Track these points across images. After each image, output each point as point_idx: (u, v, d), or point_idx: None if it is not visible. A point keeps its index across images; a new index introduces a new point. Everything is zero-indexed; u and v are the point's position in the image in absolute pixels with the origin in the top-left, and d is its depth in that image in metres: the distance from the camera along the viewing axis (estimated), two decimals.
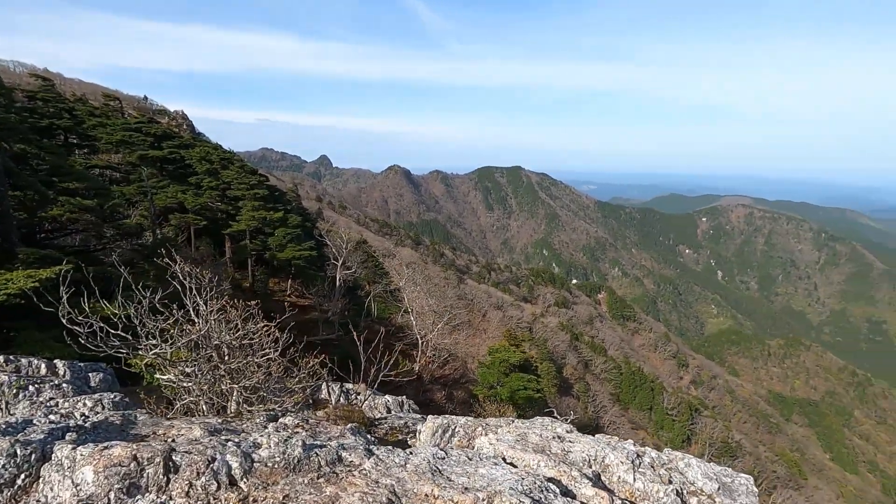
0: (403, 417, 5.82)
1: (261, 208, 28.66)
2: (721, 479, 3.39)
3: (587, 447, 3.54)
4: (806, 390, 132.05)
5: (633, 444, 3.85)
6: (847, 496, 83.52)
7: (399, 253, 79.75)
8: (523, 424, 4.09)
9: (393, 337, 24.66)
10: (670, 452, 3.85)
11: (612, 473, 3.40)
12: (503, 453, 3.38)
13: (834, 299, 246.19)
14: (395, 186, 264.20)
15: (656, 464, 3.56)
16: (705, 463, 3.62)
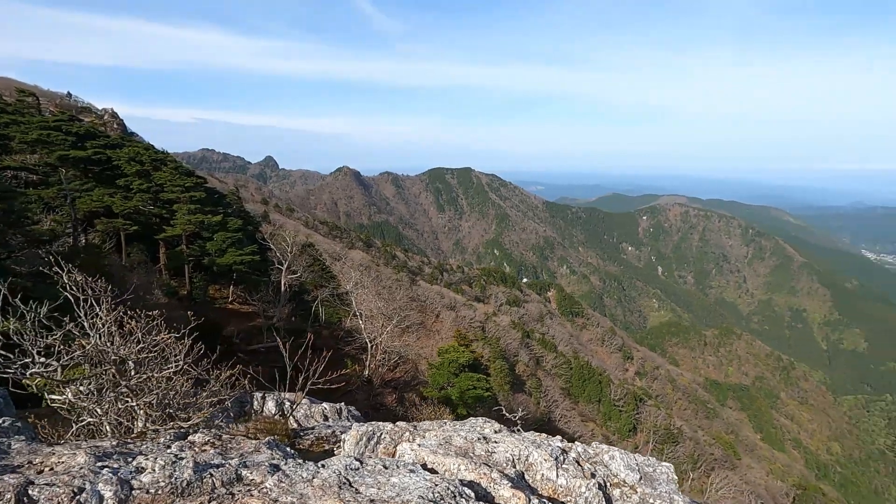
0: (332, 426, 5.62)
1: (198, 212, 27.23)
2: (643, 470, 3.48)
3: (511, 447, 3.54)
4: (738, 376, 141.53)
5: (560, 441, 3.88)
6: (776, 472, 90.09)
7: (350, 255, 78.35)
8: (452, 427, 4.03)
9: (342, 341, 24.14)
10: (597, 446, 3.92)
11: (535, 472, 3.42)
12: (424, 459, 3.30)
13: (761, 290, 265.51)
14: (345, 188, 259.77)
15: (582, 458, 3.61)
16: (629, 454, 3.69)
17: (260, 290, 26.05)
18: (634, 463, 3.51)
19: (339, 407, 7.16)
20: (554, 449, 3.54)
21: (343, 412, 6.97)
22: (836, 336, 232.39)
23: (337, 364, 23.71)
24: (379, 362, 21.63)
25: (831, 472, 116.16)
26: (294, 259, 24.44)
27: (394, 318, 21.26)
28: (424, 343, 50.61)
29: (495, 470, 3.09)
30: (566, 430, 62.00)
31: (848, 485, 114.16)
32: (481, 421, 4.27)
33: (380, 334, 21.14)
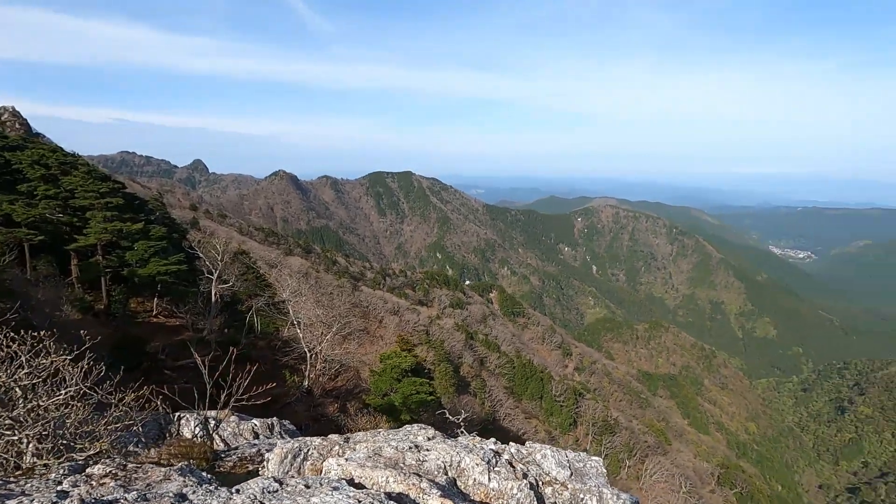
0: (258, 445, 5.31)
1: (115, 219, 25.14)
2: (574, 466, 3.56)
3: (443, 454, 3.50)
4: (667, 366, 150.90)
5: (494, 443, 3.88)
6: (702, 454, 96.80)
7: (288, 262, 75.65)
8: (385, 437, 3.93)
9: (279, 352, 23.17)
10: (531, 445, 3.97)
11: (467, 477, 3.40)
12: (351, 474, 3.17)
13: (685, 285, 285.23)
14: (282, 192, 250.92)
15: (515, 459, 3.63)
16: (560, 451, 3.75)
17: (188, 302, 24.48)
18: (565, 459, 3.57)
19: (272, 422, 6.76)
20: (486, 452, 3.53)
21: (276, 427, 6.59)
22: (750, 325, 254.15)
23: (275, 376, 22.71)
24: (319, 372, 20.96)
25: (749, 450, 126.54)
26: (225, 267, 23.18)
27: (334, 326, 20.67)
28: (368, 349, 49.77)
29: (425, 479, 3.02)
30: (510, 429, 63.24)
31: (763, 461, 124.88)
32: (416, 428, 4.19)
33: (319, 343, 20.48)
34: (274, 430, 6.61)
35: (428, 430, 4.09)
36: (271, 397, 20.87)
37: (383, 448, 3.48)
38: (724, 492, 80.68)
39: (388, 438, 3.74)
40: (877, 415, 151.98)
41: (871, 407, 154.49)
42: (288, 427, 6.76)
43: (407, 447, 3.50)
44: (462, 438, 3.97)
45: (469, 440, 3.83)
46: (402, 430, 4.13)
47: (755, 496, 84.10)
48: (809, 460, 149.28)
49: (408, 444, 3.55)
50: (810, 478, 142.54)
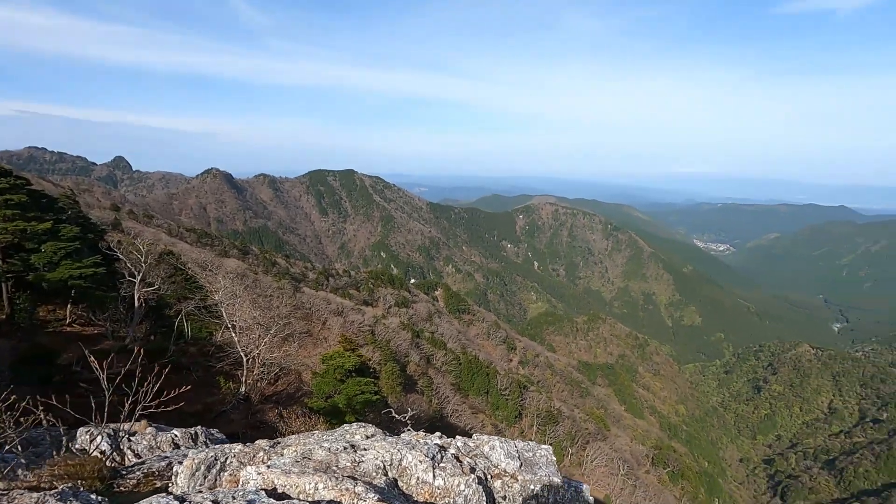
0: (169, 457, 4.74)
1: (18, 218, 22.56)
2: (523, 456, 3.40)
3: (382, 452, 3.20)
4: (605, 356, 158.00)
5: (440, 438, 3.64)
6: (638, 438, 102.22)
7: (223, 264, 71.75)
8: (317, 438, 3.57)
9: (213, 358, 21.74)
10: (478, 437, 3.76)
11: (410, 476, 3.13)
12: (274, 482, 2.80)
13: (619, 279, 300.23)
14: (215, 192, 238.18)
15: (462, 453, 3.41)
16: (509, 442, 3.58)
17: (107, 308, 22.43)
18: (514, 450, 3.41)
19: (195, 432, 6.06)
20: (430, 448, 3.27)
21: (200, 437, 5.92)
22: (678, 314, 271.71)
23: (208, 383, 21.30)
24: (257, 377, 19.87)
25: (679, 431, 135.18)
26: (150, 270, 21.43)
27: (272, 328, 19.66)
28: (312, 352, 48.16)
29: (361, 483, 2.70)
30: (458, 425, 63.61)
31: (692, 440, 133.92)
32: (355, 427, 3.87)
33: (257, 346, 19.41)
34: (198, 440, 5.92)
35: (368, 428, 3.76)
36: (204, 406, 19.54)
37: (314, 451, 3.11)
38: (658, 471, 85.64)
39: (320, 440, 3.38)
40: (787, 391, 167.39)
41: (782, 385, 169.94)
42: (215, 436, 6.06)
43: (341, 447, 3.15)
44: (405, 434, 3.67)
45: (412, 436, 3.56)
46: (339, 430, 3.78)
47: (685, 474, 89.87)
48: (731, 436, 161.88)
49: (342, 445, 3.20)
50: (732, 453, 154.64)
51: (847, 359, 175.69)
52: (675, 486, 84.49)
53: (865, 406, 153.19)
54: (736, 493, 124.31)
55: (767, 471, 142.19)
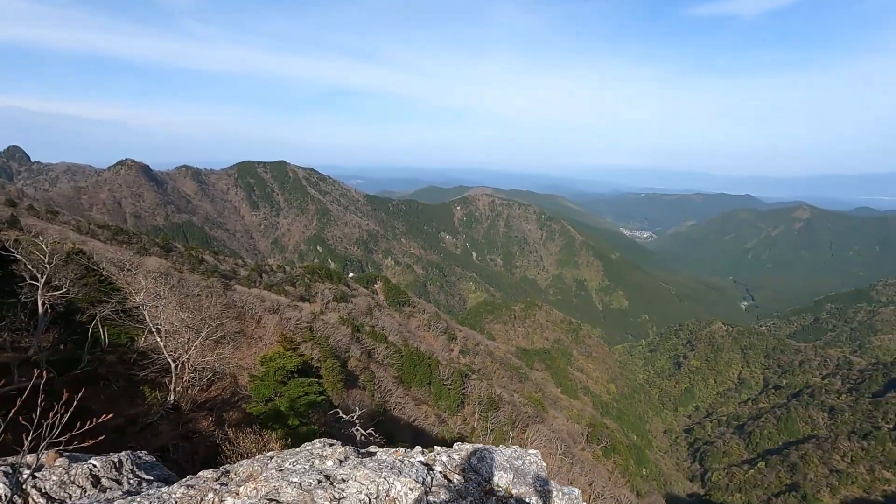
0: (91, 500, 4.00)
1: None
2: (514, 465, 3.19)
3: (367, 483, 2.79)
4: (541, 341, 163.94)
5: (422, 454, 3.32)
6: (573, 417, 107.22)
7: (144, 263, 66.32)
8: (279, 466, 3.10)
9: (136, 366, 19.96)
10: (461, 447, 3.50)
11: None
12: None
13: (553, 266, 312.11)
14: (131, 185, 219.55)
15: (449, 469, 3.13)
16: (500, 451, 3.35)
17: (5, 316, 19.88)
18: (505, 460, 3.18)
19: (119, 459, 5.08)
20: (418, 470, 2.92)
21: (125, 464, 5.00)
22: (607, 298, 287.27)
23: (131, 394, 19.54)
24: (188, 383, 18.47)
25: (611, 408, 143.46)
26: (56, 271, 19.20)
27: (203, 330, 18.31)
28: (247, 353, 45.77)
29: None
30: (402, 417, 63.47)
31: (622, 416, 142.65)
32: (320, 446, 3.41)
33: (186, 350, 18.00)
34: (123, 468, 4.95)
35: (335, 446, 3.35)
36: (127, 419, 17.90)
37: (281, 489, 2.63)
38: (592, 447, 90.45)
39: (285, 469, 2.89)
40: (703, 366, 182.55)
41: (699, 360, 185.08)
42: (144, 460, 5.15)
43: (315, 481, 2.70)
44: (381, 453, 3.30)
45: (392, 454, 3.19)
46: (303, 452, 3.28)
47: (616, 448, 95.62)
48: (656, 410, 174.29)
49: (315, 477, 2.74)
50: (657, 425, 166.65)
51: (753, 333, 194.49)
52: (607, 460, 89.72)
53: (768, 375, 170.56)
54: (661, 461, 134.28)
55: (688, 439, 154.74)
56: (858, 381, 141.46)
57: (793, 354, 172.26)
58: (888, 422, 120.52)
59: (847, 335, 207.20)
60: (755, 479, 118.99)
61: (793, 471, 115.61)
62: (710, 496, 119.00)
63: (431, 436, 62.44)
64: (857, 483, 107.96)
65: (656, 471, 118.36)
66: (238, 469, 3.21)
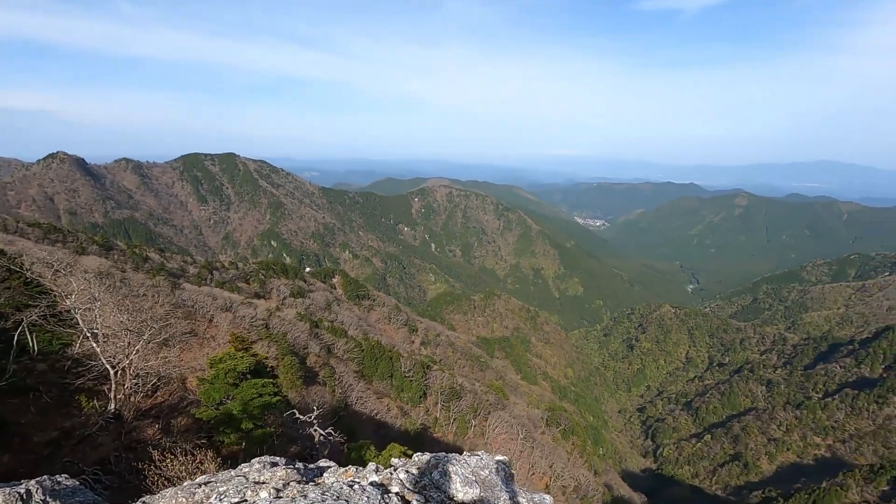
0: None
1: None
2: (480, 476, 2.91)
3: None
4: (501, 330, 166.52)
5: (376, 471, 2.94)
6: (533, 402, 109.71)
7: (82, 263, 61.93)
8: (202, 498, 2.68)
9: (70, 374, 18.52)
10: (420, 458, 3.16)
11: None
12: None
13: (511, 256, 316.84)
14: (64, 179, 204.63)
15: (409, 489, 2.78)
16: (464, 461, 3.04)
17: None
18: (469, 472, 2.87)
19: (27, 489, 4.11)
20: (371, 498, 2.51)
21: (35, 495, 4.09)
22: (563, 286, 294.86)
23: (66, 404, 18.13)
24: (130, 390, 17.30)
25: (568, 392, 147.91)
26: None
27: (145, 333, 17.16)
28: (198, 354, 43.72)
29: None
30: (363, 412, 62.82)
31: (579, 399, 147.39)
32: (258, 468, 3.00)
33: (127, 355, 16.83)
34: (31, 499, 4.05)
35: (275, 469, 2.93)
36: (61, 431, 16.59)
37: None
38: (552, 430, 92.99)
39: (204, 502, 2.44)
40: (654, 347, 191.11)
41: (650, 342, 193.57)
42: (64, 485, 4.30)
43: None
44: (328, 475, 2.91)
45: (340, 475, 2.79)
46: (234, 480, 2.83)
47: (574, 430, 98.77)
48: (611, 391, 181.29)
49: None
50: (612, 406, 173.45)
51: (699, 315, 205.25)
52: (566, 442, 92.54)
53: (713, 353, 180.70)
54: (616, 440, 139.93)
55: (640, 417, 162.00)
56: (792, 356, 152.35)
57: (734, 333, 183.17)
58: (818, 391, 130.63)
59: (782, 313, 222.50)
60: (702, 451, 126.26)
61: (735, 441, 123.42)
62: (662, 470, 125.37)
63: (394, 428, 62.22)
64: (791, 449, 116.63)
65: (612, 449, 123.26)
66: (157, 503, 2.76)
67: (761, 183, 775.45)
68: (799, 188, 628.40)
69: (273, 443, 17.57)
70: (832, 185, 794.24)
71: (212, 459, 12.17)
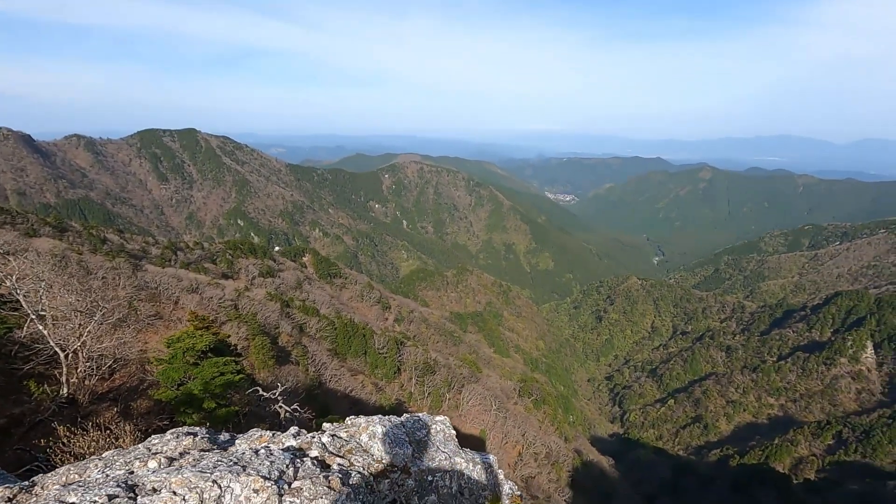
0: None
1: None
2: (415, 437, 2.66)
3: (185, 490, 1.88)
4: (474, 305, 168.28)
5: (295, 436, 2.69)
6: (506, 375, 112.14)
7: (34, 245, 58.71)
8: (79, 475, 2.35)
9: (17, 359, 17.59)
10: (352, 422, 2.93)
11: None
12: None
13: (483, 232, 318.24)
14: (10, 157, 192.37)
15: (330, 452, 2.53)
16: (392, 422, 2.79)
17: None
18: (402, 433, 2.68)
19: None
20: (276, 461, 2.26)
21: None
22: (534, 261, 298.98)
23: (14, 389, 17.26)
24: (84, 373, 16.57)
25: (540, 364, 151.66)
26: None
27: (96, 313, 16.35)
28: (164, 336, 42.54)
29: None
30: (338, 389, 62.81)
31: (550, 370, 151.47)
32: (168, 438, 2.75)
33: (78, 337, 16.04)
34: None
35: (182, 439, 2.68)
36: (10, 419, 15.81)
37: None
38: (524, 401, 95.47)
39: (79, 482, 2.13)
40: (622, 318, 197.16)
41: (618, 313, 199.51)
42: None
43: (111, 492, 1.89)
44: (241, 441, 2.67)
45: (251, 441, 2.56)
46: (137, 450, 2.55)
47: (546, 399, 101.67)
48: (581, 361, 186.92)
49: (110, 491, 1.91)
50: (582, 375, 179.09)
51: (664, 286, 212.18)
52: (538, 412, 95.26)
53: (677, 322, 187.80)
54: (586, 408, 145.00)
55: (608, 385, 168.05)
56: (749, 323, 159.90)
57: (697, 303, 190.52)
58: (772, 355, 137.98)
59: (741, 283, 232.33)
60: (665, 415, 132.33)
61: (697, 405, 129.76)
62: (629, 434, 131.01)
63: (369, 404, 62.53)
64: (747, 410, 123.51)
65: (581, 417, 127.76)
66: (47, 481, 2.43)
67: (725, 157, 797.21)
68: (760, 162, 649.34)
69: (239, 421, 17.25)
70: (791, 158, 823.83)
71: (129, 434, 11.68)
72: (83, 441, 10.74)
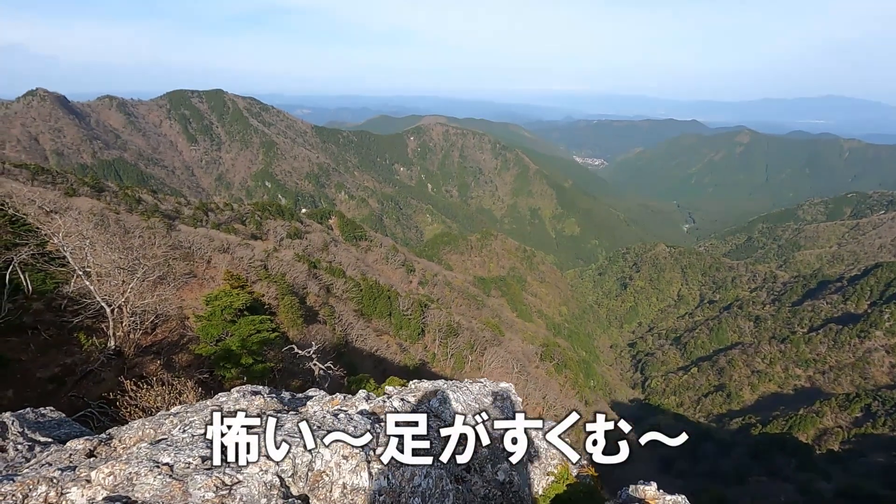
0: None
1: None
2: (483, 403, 2.72)
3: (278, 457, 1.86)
4: (497, 269, 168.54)
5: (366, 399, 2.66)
6: (528, 339, 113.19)
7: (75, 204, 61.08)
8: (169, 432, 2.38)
9: (67, 312, 18.61)
10: (418, 385, 2.95)
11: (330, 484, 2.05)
12: None
13: (508, 196, 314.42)
14: (48, 118, 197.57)
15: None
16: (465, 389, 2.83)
17: None
18: (472, 399, 2.66)
19: (2, 422, 3.81)
20: (358, 424, 2.20)
21: (11, 427, 3.78)
22: (560, 226, 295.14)
23: (65, 341, 18.35)
24: (128, 327, 17.45)
25: (562, 329, 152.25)
26: None
27: (138, 271, 17.04)
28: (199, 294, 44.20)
29: None
30: (364, 348, 64.71)
31: (573, 335, 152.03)
32: (235, 397, 2.81)
33: (122, 293, 16.80)
34: (8, 432, 3.78)
35: (252, 398, 2.72)
36: (63, 368, 16.88)
37: (139, 476, 1.80)
38: (546, 365, 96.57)
39: (165, 441, 2.13)
40: (647, 286, 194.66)
41: (644, 280, 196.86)
42: (48, 418, 4.08)
43: (199, 459, 1.90)
44: (313, 404, 2.69)
45: (325, 404, 2.55)
46: (208, 409, 2.57)
47: (567, 364, 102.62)
48: (604, 328, 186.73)
49: (203, 450, 1.92)
50: (604, 341, 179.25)
51: (692, 253, 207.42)
52: (559, 376, 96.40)
53: (704, 291, 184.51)
54: (607, 373, 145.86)
55: (631, 352, 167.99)
56: (781, 293, 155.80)
57: (726, 271, 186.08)
58: (803, 327, 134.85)
59: (775, 252, 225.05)
60: (688, 383, 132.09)
61: (720, 374, 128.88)
62: (649, 400, 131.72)
63: (394, 364, 64.36)
64: (773, 380, 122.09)
65: (602, 382, 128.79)
66: (123, 434, 2.54)
67: (766, 120, 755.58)
68: (804, 125, 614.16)
69: (274, 377, 18.01)
70: (838, 121, 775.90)
71: (192, 389, 12.27)
72: (150, 395, 11.32)
